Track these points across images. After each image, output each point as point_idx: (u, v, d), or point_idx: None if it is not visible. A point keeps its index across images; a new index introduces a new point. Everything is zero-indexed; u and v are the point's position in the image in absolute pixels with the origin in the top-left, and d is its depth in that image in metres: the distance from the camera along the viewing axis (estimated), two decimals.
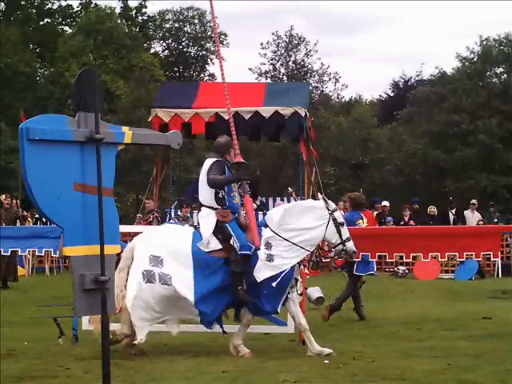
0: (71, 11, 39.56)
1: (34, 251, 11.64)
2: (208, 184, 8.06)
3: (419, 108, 35.74)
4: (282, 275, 7.89)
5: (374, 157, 35.20)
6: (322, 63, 40.32)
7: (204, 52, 42.61)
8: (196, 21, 42.11)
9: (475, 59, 34.74)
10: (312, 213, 8.19)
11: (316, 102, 37.69)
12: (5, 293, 14.28)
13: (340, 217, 8.31)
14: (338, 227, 8.15)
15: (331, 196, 16.76)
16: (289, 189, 20.64)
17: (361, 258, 9.98)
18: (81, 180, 4.87)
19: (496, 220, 19.94)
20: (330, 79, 40.64)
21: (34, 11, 39.06)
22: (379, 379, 6.73)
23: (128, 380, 6.77)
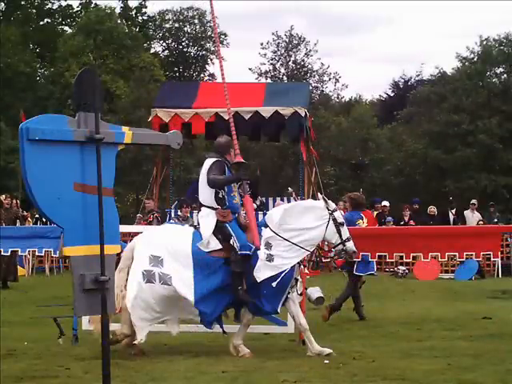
0: (71, 11, 39.58)
1: (34, 251, 11.64)
2: (208, 184, 8.06)
3: (419, 108, 35.73)
4: (282, 275, 7.89)
5: (374, 157, 35.20)
6: (322, 63, 40.41)
7: (204, 52, 42.62)
8: (196, 21, 42.13)
9: (475, 59, 34.74)
10: (312, 213, 8.19)
11: (316, 102, 37.68)
12: (5, 293, 14.28)
13: (340, 217, 8.31)
14: (338, 227, 8.16)
15: (331, 196, 16.76)
16: (289, 189, 20.63)
17: (361, 258, 9.98)
18: (81, 180, 4.87)
19: (496, 220, 19.94)
20: (330, 79, 40.70)
21: (34, 11, 39.06)
22: (379, 379, 6.73)
23: (128, 380, 6.77)
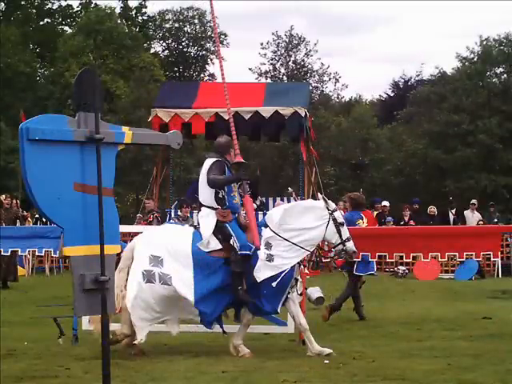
0: (71, 11, 39.59)
1: (34, 251, 11.64)
2: (208, 184, 8.06)
3: (419, 108, 35.74)
4: (282, 275, 7.89)
5: (374, 157, 35.21)
6: (322, 63, 40.43)
7: (204, 52, 42.63)
8: (196, 21, 42.14)
9: (475, 59, 34.75)
10: (312, 213, 8.19)
11: (316, 102, 37.69)
12: (5, 293, 14.28)
13: (340, 217, 8.31)
14: (338, 227, 8.15)
15: (331, 196, 16.76)
16: (289, 189, 20.63)
17: (361, 258, 9.98)
18: (81, 180, 4.87)
19: (496, 220, 19.94)
20: (330, 79, 40.71)
21: (34, 11, 39.07)
22: (379, 379, 6.73)
23: (128, 380, 6.77)
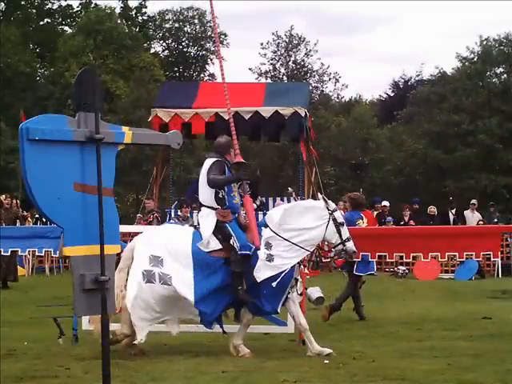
0: (71, 11, 39.60)
1: (34, 251, 11.64)
2: (208, 184, 8.06)
3: (419, 108, 35.74)
4: (282, 275, 7.89)
5: (374, 157, 35.21)
6: (322, 63, 40.43)
7: (204, 52, 42.64)
8: (196, 21, 42.14)
9: (475, 59, 34.75)
10: (312, 213, 8.19)
11: (316, 102, 37.69)
12: (5, 293, 14.28)
13: (340, 217, 8.31)
14: (338, 227, 8.15)
15: (331, 196, 16.76)
16: (289, 189, 20.63)
17: (361, 258, 9.98)
18: (81, 180, 4.87)
19: (496, 220, 19.94)
20: (330, 79, 40.71)
21: (34, 11, 39.07)
22: (379, 379, 6.73)
23: (128, 380, 6.77)
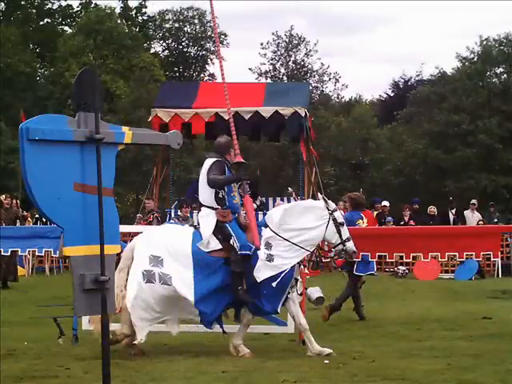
0: (71, 11, 39.60)
1: (34, 251, 11.64)
2: (208, 184, 8.06)
3: (419, 108, 35.74)
4: (282, 275, 7.89)
5: (374, 157, 35.21)
6: (322, 63, 40.43)
7: (204, 52, 42.64)
8: (196, 21, 42.14)
9: (475, 59, 34.75)
10: (312, 213, 8.19)
11: (316, 102, 37.69)
12: (5, 293, 14.27)
13: (340, 217, 8.31)
14: (338, 227, 8.15)
15: (331, 196, 16.76)
16: (289, 189, 20.63)
17: (361, 258, 9.98)
18: (81, 180, 4.87)
19: (496, 220, 19.94)
20: (330, 79, 40.71)
21: (34, 11, 39.07)
22: (379, 379, 6.73)
23: (128, 380, 6.77)
